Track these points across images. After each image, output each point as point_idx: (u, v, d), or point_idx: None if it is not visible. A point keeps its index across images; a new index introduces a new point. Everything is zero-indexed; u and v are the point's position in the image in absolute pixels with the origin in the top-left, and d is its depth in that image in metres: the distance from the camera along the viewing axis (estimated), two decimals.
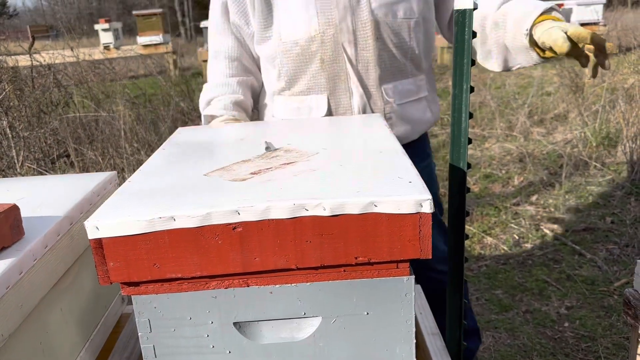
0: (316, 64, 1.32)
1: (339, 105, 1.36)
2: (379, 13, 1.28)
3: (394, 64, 1.34)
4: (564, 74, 4.90)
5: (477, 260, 2.65)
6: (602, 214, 2.99)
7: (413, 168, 0.84)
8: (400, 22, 1.30)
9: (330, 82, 1.34)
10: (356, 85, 1.33)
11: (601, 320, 2.13)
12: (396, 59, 1.34)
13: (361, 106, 1.35)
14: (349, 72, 1.32)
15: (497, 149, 4.08)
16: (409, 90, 1.39)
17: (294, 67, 1.33)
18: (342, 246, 0.75)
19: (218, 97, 1.41)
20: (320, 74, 1.33)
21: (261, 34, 1.35)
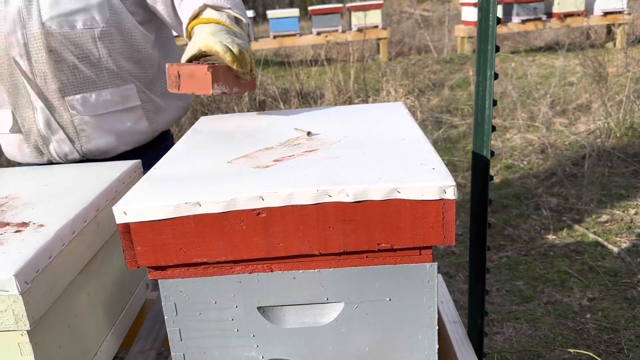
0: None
1: (24, 120, 1.31)
2: (52, 25, 1.21)
3: (78, 75, 1.27)
4: (586, 64, 4.81)
5: (498, 251, 2.63)
6: (625, 206, 2.94)
7: (436, 155, 0.83)
8: (80, 32, 1.23)
9: (11, 97, 1.28)
10: (36, 99, 1.27)
11: (624, 312, 2.11)
12: (80, 70, 1.27)
13: (44, 120, 1.30)
14: (26, 86, 1.26)
15: (519, 140, 4.03)
16: (107, 101, 1.32)
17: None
18: (365, 232, 0.75)
19: None
20: (1, 89, 1.28)
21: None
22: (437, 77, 6.27)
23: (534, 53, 7.56)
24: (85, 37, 1.24)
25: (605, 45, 7.58)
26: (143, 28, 1.34)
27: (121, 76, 1.32)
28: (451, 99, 5.28)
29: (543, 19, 7.58)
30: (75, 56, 1.25)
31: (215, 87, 1.04)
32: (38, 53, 1.23)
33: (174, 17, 1.33)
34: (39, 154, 1.36)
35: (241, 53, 1.06)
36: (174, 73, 1.08)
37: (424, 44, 8.16)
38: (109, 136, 1.35)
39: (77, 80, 1.28)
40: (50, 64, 1.23)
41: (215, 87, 1.04)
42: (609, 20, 7.66)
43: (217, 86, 1.05)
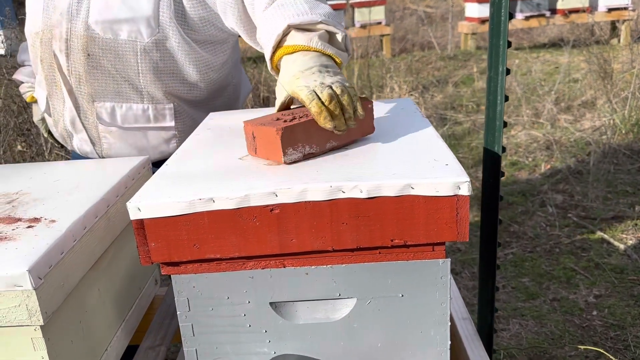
0: (36, 61, 1.30)
1: (55, 110, 1.31)
2: (96, 28, 1.17)
3: (112, 84, 1.22)
4: (592, 60, 4.78)
5: (504, 248, 2.63)
6: (631, 202, 2.93)
7: (449, 151, 0.83)
8: (123, 42, 1.18)
9: (48, 84, 1.29)
10: (67, 96, 1.25)
11: (630, 309, 2.10)
12: (115, 80, 1.22)
13: (70, 118, 1.28)
14: (61, 81, 1.25)
15: (524, 136, 4.01)
16: (138, 116, 1.25)
17: (32, 56, 1.32)
18: (378, 228, 0.75)
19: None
20: (40, 72, 1.29)
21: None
22: (441, 74, 6.25)
23: (538, 49, 7.54)
24: (127, 49, 1.18)
25: (610, 41, 7.55)
26: (206, 48, 1.23)
27: (160, 94, 1.24)
28: (455, 96, 5.26)
29: (547, 15, 7.55)
30: (112, 65, 1.20)
31: (289, 153, 0.81)
32: (77, 54, 1.20)
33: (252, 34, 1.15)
34: (65, 143, 1.38)
35: (332, 99, 0.81)
36: (249, 134, 0.86)
37: (428, 41, 8.14)
38: (132, 149, 1.29)
39: (110, 90, 1.23)
40: (86, 67, 1.21)
41: (290, 152, 0.81)
42: (614, 17, 7.62)
43: (294, 151, 0.82)
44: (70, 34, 1.19)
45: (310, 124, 0.83)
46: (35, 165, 1.17)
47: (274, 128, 0.80)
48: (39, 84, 1.33)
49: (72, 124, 1.28)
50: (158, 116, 1.26)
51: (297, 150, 0.82)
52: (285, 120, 0.83)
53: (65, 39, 1.20)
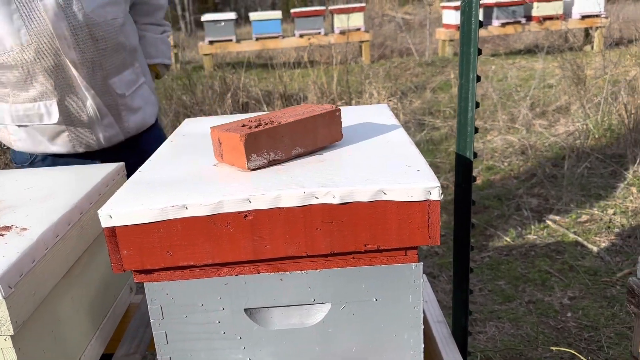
0: (37, 72, 1.30)
1: (71, 110, 1.37)
2: (94, 16, 1.32)
3: (115, 60, 1.40)
4: (565, 66, 4.89)
5: (480, 252, 2.66)
6: (604, 206, 2.99)
7: (421, 157, 0.84)
8: (110, 22, 1.37)
9: (58, 89, 1.34)
10: (87, 87, 1.35)
11: (604, 310, 2.15)
12: (116, 53, 1.40)
13: (95, 106, 1.38)
14: (76, 76, 1.34)
15: (500, 141, 4.08)
16: (131, 80, 1.47)
17: (14, 77, 1.31)
18: (352, 233, 0.75)
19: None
20: (46, 81, 1.32)
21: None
22: (419, 80, 6.32)
23: (513, 56, 7.67)
24: (115, 26, 1.38)
25: (583, 48, 7.72)
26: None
27: (134, 57, 1.49)
28: (433, 102, 5.32)
29: (522, 22, 7.69)
30: (109, 42, 1.38)
31: (253, 160, 0.82)
32: (86, 42, 1.32)
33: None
34: (78, 143, 1.43)
35: None
36: (215, 139, 0.86)
37: (406, 47, 8.22)
38: (139, 112, 1.50)
39: (115, 64, 1.41)
40: (95, 51, 1.35)
41: (254, 158, 0.82)
42: (587, 24, 7.80)
43: (258, 157, 0.82)
44: (72, 28, 1.29)
45: (276, 131, 0.84)
46: (6, 172, 1.15)
47: (238, 134, 0.81)
48: (44, 96, 1.35)
49: (98, 111, 1.40)
50: (137, 75, 1.50)
51: (262, 157, 0.83)
52: (251, 126, 0.84)
53: (70, 35, 1.29)
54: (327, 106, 0.92)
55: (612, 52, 6.24)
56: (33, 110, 1.37)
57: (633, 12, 9.65)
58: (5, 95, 1.37)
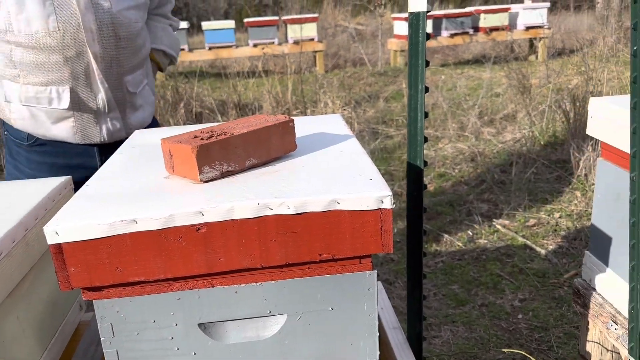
0: (57, 59, 1.36)
1: (82, 99, 1.43)
2: (119, 16, 1.41)
3: (133, 60, 1.49)
4: (511, 76, 5.08)
5: (434, 257, 2.72)
6: (550, 210, 3.12)
7: (373, 166, 0.86)
8: (133, 25, 1.46)
9: (73, 77, 1.40)
10: (102, 80, 1.43)
11: (552, 310, 2.23)
12: (134, 55, 1.49)
13: (106, 99, 1.46)
14: (94, 68, 1.41)
15: (450, 149, 4.19)
16: (140, 81, 1.56)
17: (31, 58, 1.36)
18: (307, 244, 0.76)
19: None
20: (64, 68, 1.38)
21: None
22: (373, 89, 6.41)
23: (462, 66, 7.90)
24: (135, 29, 1.47)
25: (528, 58, 8.04)
26: None
27: (144, 59, 1.57)
28: (386, 111, 5.41)
29: (470, 33, 7.95)
30: (130, 43, 1.46)
31: (205, 172, 0.81)
32: (108, 39, 1.41)
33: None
34: (80, 133, 1.47)
35: None
36: (166, 151, 0.85)
37: (359, 57, 8.34)
38: (142, 111, 1.57)
39: (132, 63, 1.49)
40: (118, 49, 1.43)
41: (207, 170, 0.81)
42: (531, 34, 8.14)
43: (210, 169, 0.81)
44: (99, 23, 1.38)
45: (229, 142, 0.83)
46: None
47: (189, 146, 0.80)
48: (58, 82, 1.40)
49: (108, 104, 1.46)
50: (144, 76, 1.58)
51: (214, 169, 0.82)
52: (203, 137, 0.83)
53: (96, 29, 1.37)
54: (281, 117, 0.93)
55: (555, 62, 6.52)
56: (44, 93, 1.41)
57: (574, 24, 10.13)
58: (14, 75, 1.40)
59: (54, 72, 1.38)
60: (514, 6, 8.25)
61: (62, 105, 1.42)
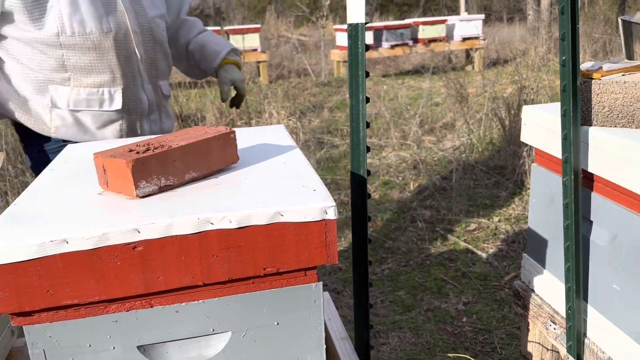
0: (110, 60, 1.40)
1: (130, 100, 1.47)
2: (153, 23, 1.49)
3: (164, 65, 1.57)
4: (449, 85, 5.24)
5: (380, 264, 2.74)
6: (490, 214, 3.22)
7: (317, 176, 0.85)
8: (162, 32, 1.54)
9: (124, 78, 1.43)
10: (147, 82, 1.49)
11: (495, 312, 2.29)
12: (165, 61, 1.57)
13: (149, 100, 1.51)
14: (141, 70, 1.47)
15: (394, 157, 4.26)
16: (167, 90, 1.62)
17: (84, 60, 1.37)
18: (250, 258, 0.74)
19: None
20: (116, 69, 1.41)
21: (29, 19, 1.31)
22: (317, 100, 6.45)
23: (403, 76, 8.10)
24: (165, 37, 1.55)
25: (465, 68, 8.34)
26: None
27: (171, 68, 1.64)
28: (331, 120, 5.46)
29: (410, 44, 8.16)
30: (163, 47, 1.54)
31: (142, 187, 0.78)
32: (149, 43, 1.48)
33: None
34: (126, 135, 1.49)
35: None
36: (99, 166, 0.81)
37: (303, 68, 8.39)
38: (171, 118, 1.63)
39: (164, 69, 1.55)
40: (155, 52, 1.50)
41: (144, 185, 0.78)
42: (468, 45, 8.45)
43: (147, 184, 0.78)
44: (141, 27, 1.44)
45: (167, 155, 0.80)
46: None
47: (124, 160, 0.77)
48: (110, 83, 1.42)
49: (150, 106, 1.50)
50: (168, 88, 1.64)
51: (151, 183, 0.79)
52: (138, 151, 0.80)
53: (139, 33, 1.44)
54: (222, 128, 0.91)
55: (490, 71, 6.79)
56: (96, 95, 1.41)
57: (507, 34, 10.61)
58: (64, 79, 1.39)
59: (107, 73, 1.40)
60: (450, 18, 8.56)
61: (114, 106, 1.43)
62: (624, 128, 1.08)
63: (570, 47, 1.00)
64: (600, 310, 1.15)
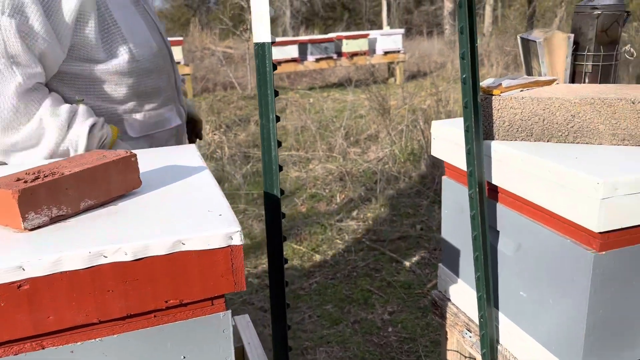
0: (164, 78, 1.41)
1: (180, 114, 1.51)
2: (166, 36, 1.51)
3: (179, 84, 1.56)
4: (372, 98, 5.37)
5: (308, 278, 2.74)
6: (412, 223, 3.31)
7: (224, 200, 0.83)
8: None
9: (174, 94, 1.47)
10: (177, 95, 1.50)
11: (419, 320, 2.34)
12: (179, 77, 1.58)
13: (183, 116, 1.52)
14: (177, 84, 1.50)
15: (320, 170, 4.29)
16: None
17: (150, 83, 1.37)
18: (150, 291, 0.70)
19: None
20: (168, 87, 1.44)
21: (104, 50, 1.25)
22: (243, 113, 6.40)
23: (329, 89, 8.21)
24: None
25: (387, 81, 8.58)
26: None
27: None
28: (257, 134, 5.42)
29: (334, 58, 8.30)
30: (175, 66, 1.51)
31: (30, 219, 0.72)
32: (174, 61, 1.48)
33: None
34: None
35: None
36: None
37: (229, 81, 8.30)
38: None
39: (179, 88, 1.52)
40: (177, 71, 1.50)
41: (32, 217, 0.72)
42: (389, 59, 8.71)
43: (36, 215, 0.72)
44: (167, 46, 1.45)
45: (58, 183, 0.75)
46: None
47: (9, 191, 0.70)
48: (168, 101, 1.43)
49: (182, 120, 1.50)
50: None
51: (41, 214, 0.73)
52: (27, 180, 0.74)
53: (166, 46, 1.44)
54: (121, 152, 0.86)
55: (410, 84, 7.02)
56: (162, 116, 1.41)
57: (427, 48, 11.05)
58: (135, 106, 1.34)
59: (166, 92, 1.42)
60: (372, 32, 8.79)
61: (174, 123, 1.45)
62: (523, 141, 1.13)
63: (470, 65, 1.04)
64: (510, 318, 1.20)
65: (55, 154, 1.20)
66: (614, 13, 1.33)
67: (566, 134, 1.10)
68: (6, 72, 1.09)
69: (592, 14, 1.33)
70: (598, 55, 1.34)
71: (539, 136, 1.12)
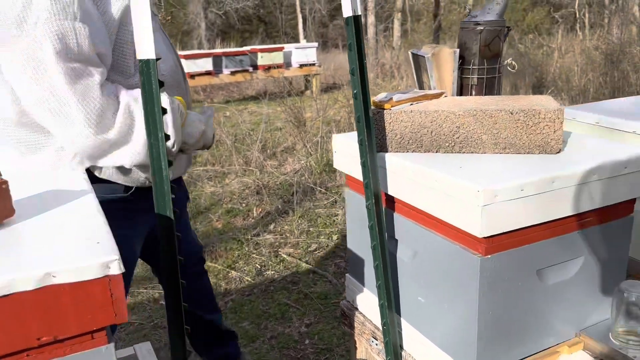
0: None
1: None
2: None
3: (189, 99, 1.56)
4: (288, 111, 5.39)
5: (224, 296, 2.68)
6: (329, 233, 3.34)
7: (105, 226, 0.79)
8: None
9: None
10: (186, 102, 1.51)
11: (335, 330, 2.36)
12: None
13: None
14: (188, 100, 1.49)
15: (237, 184, 4.24)
16: None
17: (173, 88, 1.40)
18: (19, 329, 0.65)
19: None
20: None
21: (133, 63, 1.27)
22: None
23: (246, 102, 8.17)
24: None
25: (304, 93, 8.67)
26: None
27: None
28: None
29: (250, 71, 8.27)
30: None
31: None
32: (185, 77, 1.47)
33: None
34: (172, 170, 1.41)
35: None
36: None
37: None
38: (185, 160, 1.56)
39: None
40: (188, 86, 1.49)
41: None
42: (305, 72, 8.81)
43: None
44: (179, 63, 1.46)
45: None
46: None
47: None
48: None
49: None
50: None
51: None
52: None
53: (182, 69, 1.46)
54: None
55: (325, 96, 7.13)
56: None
57: (342, 61, 11.28)
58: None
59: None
60: (287, 45, 8.86)
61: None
62: (414, 152, 1.18)
63: (360, 81, 1.07)
64: (412, 323, 1.23)
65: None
66: (495, 28, 1.42)
67: (452, 144, 1.15)
68: (86, 73, 1.12)
69: (476, 29, 1.41)
70: (482, 68, 1.42)
71: (429, 147, 1.17)
